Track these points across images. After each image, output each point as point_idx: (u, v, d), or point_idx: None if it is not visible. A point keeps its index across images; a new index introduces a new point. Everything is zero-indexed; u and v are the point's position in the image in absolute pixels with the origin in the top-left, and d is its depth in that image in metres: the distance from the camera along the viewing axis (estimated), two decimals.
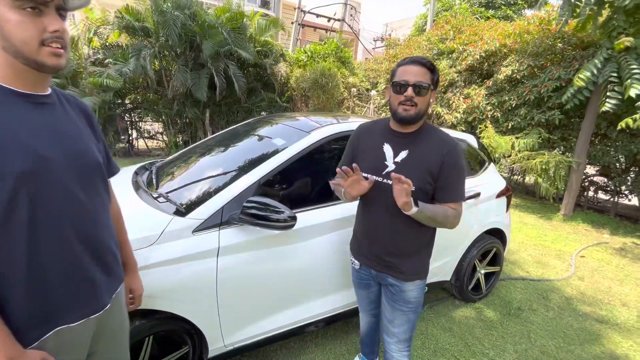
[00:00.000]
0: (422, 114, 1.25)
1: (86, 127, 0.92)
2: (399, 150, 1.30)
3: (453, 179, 1.28)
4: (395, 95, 1.25)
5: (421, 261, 1.41)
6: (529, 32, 5.72)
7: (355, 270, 1.57)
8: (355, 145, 1.44)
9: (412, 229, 1.33)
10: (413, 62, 1.23)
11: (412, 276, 1.38)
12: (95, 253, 0.89)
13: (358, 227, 1.50)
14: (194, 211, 1.54)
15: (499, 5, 13.74)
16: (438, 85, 1.29)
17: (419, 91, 1.21)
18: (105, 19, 7.16)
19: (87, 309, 0.88)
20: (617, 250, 4.11)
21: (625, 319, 2.70)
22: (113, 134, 7.64)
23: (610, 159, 4.91)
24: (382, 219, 1.35)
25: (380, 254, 1.39)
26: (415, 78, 1.20)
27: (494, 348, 2.23)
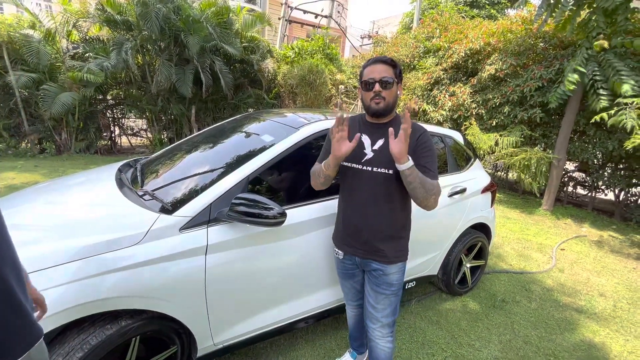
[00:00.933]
0: (391, 105, 1.39)
1: None
2: (376, 139, 1.42)
3: (428, 159, 1.38)
4: (366, 92, 1.39)
5: (403, 243, 1.51)
6: (512, 32, 5.85)
7: (339, 261, 1.62)
8: None
9: (394, 212, 1.43)
10: (376, 62, 1.38)
11: (395, 259, 1.47)
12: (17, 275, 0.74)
13: (341, 216, 1.56)
14: (181, 209, 1.51)
15: (483, 5, 13.98)
16: (402, 78, 1.43)
17: (385, 85, 1.35)
18: (85, 11, 6.91)
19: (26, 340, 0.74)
20: (595, 243, 4.28)
21: (602, 308, 2.82)
22: (94, 131, 7.41)
23: (588, 156, 5.09)
24: (365, 205, 1.43)
25: (365, 239, 1.46)
26: (380, 75, 1.34)
27: (479, 339, 2.29)
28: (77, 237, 1.36)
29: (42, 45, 6.27)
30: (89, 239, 1.34)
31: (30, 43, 6.12)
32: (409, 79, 7.36)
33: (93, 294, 1.25)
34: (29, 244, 1.30)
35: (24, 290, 0.77)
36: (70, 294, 1.21)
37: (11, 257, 0.74)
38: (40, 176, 5.19)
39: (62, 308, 1.18)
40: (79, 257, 1.27)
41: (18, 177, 5.05)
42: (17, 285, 0.73)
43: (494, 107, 5.84)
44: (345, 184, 1.50)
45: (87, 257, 1.28)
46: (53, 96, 6.14)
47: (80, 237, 1.35)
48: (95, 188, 1.97)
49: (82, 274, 1.25)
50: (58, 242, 1.34)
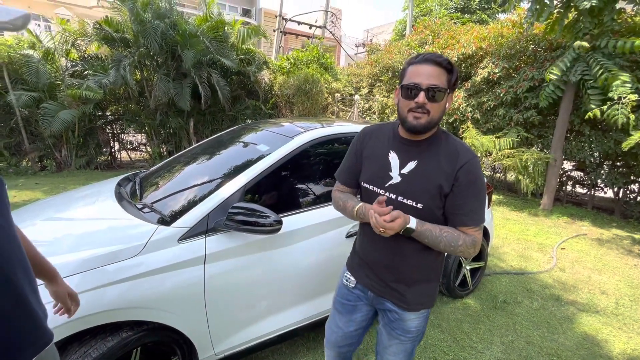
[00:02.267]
0: (435, 122, 1.04)
1: None
2: (407, 160, 1.11)
3: (470, 197, 1.05)
4: (405, 100, 1.04)
5: (429, 289, 1.21)
6: (503, 36, 5.95)
7: (346, 289, 1.32)
8: (358, 150, 1.24)
9: (421, 252, 1.13)
10: (426, 61, 1.02)
11: (418, 305, 1.19)
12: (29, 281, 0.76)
13: (360, 243, 1.30)
14: (179, 220, 1.54)
15: (474, 10, 14.22)
16: (457, 86, 1.14)
17: (433, 96, 1.00)
18: (83, 30, 7.05)
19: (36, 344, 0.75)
20: (595, 241, 4.28)
21: (604, 306, 2.81)
22: (94, 147, 7.47)
23: (585, 155, 5.13)
24: (382, 240, 1.14)
25: (382, 278, 1.21)
26: (429, 81, 0.99)
27: (481, 341, 2.28)
28: (77, 251, 1.38)
29: (41, 65, 6.37)
30: (89, 252, 1.36)
31: (30, 63, 6.23)
32: None
33: (94, 306, 1.27)
34: None
35: (36, 295, 0.79)
36: None
37: (24, 262, 0.76)
38: (41, 193, 5.22)
39: (64, 321, 1.20)
40: (79, 270, 1.29)
41: (19, 195, 5.09)
42: (29, 291, 0.75)
43: (488, 109, 5.91)
44: None
45: (87, 270, 1.30)
46: (53, 114, 6.22)
47: (81, 251, 1.38)
48: (95, 202, 2.00)
49: (83, 286, 1.27)
50: (59, 256, 1.36)
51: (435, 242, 1.04)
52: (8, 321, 0.69)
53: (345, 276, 1.34)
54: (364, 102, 9.11)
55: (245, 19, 11.13)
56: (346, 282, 1.33)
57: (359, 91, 9.44)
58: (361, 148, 1.24)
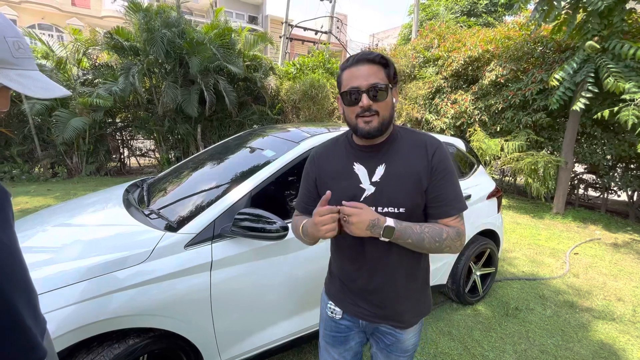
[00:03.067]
0: (388, 121, 0.99)
1: None
2: (374, 166, 1.02)
3: (447, 186, 1.00)
4: (349, 107, 0.98)
5: (423, 297, 1.14)
6: (510, 38, 5.90)
7: (331, 322, 1.17)
8: (313, 173, 1.12)
9: (411, 262, 1.06)
10: (359, 62, 0.96)
11: (415, 319, 1.12)
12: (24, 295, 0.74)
13: (339, 269, 1.15)
14: (185, 226, 1.54)
15: (480, 13, 14.16)
16: (397, 79, 1.03)
17: (376, 96, 0.94)
18: (94, 39, 7.21)
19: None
20: (610, 246, 4.16)
21: (621, 313, 2.73)
22: (104, 153, 7.60)
23: (597, 157, 5.02)
24: (372, 258, 1.05)
25: (377, 304, 1.08)
26: (368, 81, 0.94)
27: (493, 349, 2.23)
28: (85, 258, 1.39)
29: (54, 74, 6.53)
30: (96, 259, 1.37)
31: (43, 72, 6.38)
32: (410, 89, 7.43)
33: (101, 313, 1.27)
34: (40, 266, 1.34)
35: (35, 313, 0.78)
36: (79, 313, 1.23)
37: (23, 280, 0.75)
38: (52, 199, 5.31)
39: (71, 328, 1.20)
40: (87, 277, 1.30)
41: (31, 201, 5.18)
42: (26, 309, 0.74)
43: (496, 112, 5.85)
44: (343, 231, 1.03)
45: (95, 276, 1.31)
46: (65, 122, 6.35)
47: (89, 257, 1.39)
48: (104, 209, 2.02)
49: (91, 293, 1.27)
50: (67, 262, 1.38)
51: (419, 240, 0.95)
52: (6, 341, 0.67)
53: (329, 307, 1.17)
54: None
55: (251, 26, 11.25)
56: (331, 314, 1.16)
57: None
58: (316, 170, 1.12)
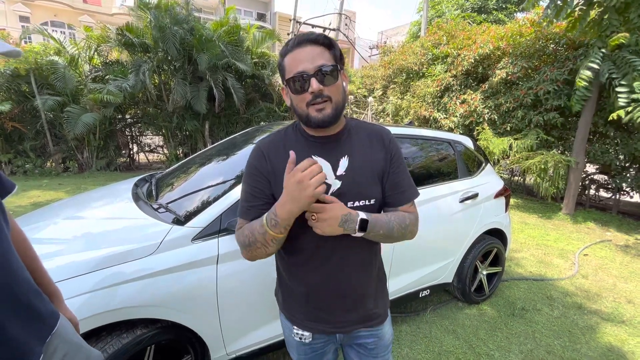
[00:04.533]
0: (340, 107, 0.90)
1: None
2: (337, 159, 0.93)
3: (402, 173, 0.99)
4: (297, 95, 0.87)
5: (385, 286, 1.13)
6: (522, 35, 5.80)
7: (303, 345, 1.07)
8: (265, 169, 0.95)
9: (371, 256, 1.03)
10: (300, 44, 0.86)
11: (386, 309, 1.10)
12: (8, 301, 0.70)
13: (300, 284, 1.01)
14: (192, 220, 1.56)
15: (490, 10, 13.94)
16: (344, 62, 0.95)
17: (323, 79, 0.85)
18: (105, 36, 7.32)
19: None
20: (621, 248, 4.08)
21: (631, 315, 2.68)
22: (114, 149, 7.73)
23: (609, 157, 4.92)
24: (337, 260, 0.96)
25: (347, 309, 1.00)
26: (314, 63, 0.84)
27: (499, 349, 2.21)
28: (94, 249, 1.42)
29: (67, 71, 6.65)
30: (106, 251, 1.40)
31: (57, 70, 6.51)
32: (419, 87, 7.36)
33: (110, 303, 1.30)
34: (51, 257, 1.37)
35: (29, 314, 0.75)
36: (89, 303, 1.26)
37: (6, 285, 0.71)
38: (63, 193, 5.42)
39: (82, 317, 1.23)
40: (97, 268, 1.33)
41: (43, 194, 5.30)
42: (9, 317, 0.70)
43: (506, 111, 5.76)
44: (304, 234, 0.91)
45: (104, 268, 1.34)
46: (76, 117, 6.47)
47: (98, 249, 1.42)
48: (113, 202, 2.06)
49: (100, 284, 1.30)
50: (77, 254, 1.41)
51: (389, 229, 0.92)
52: (11, 333, 0.67)
53: (296, 334, 1.04)
54: (377, 103, 9.05)
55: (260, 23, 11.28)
56: (299, 338, 1.04)
57: (372, 93, 9.40)
58: (271, 166, 0.94)
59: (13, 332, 0.69)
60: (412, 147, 2.37)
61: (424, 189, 2.19)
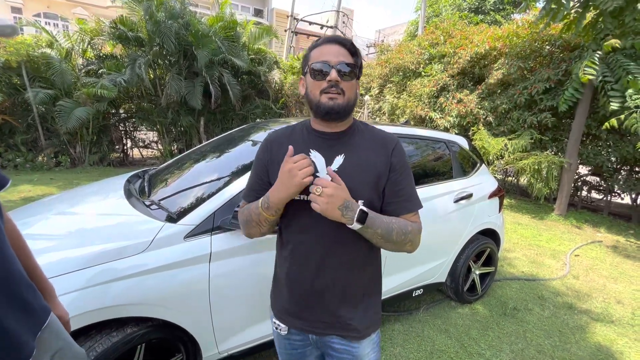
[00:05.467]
0: (351, 104, 0.96)
1: None
2: (333, 155, 0.97)
3: (406, 181, 0.99)
4: (315, 82, 0.94)
5: (375, 305, 1.07)
6: (518, 36, 5.83)
7: (282, 338, 1.09)
8: (267, 160, 1.03)
9: (363, 260, 1.01)
10: (330, 42, 0.96)
11: (368, 329, 1.03)
12: (8, 295, 0.72)
13: (282, 275, 1.05)
14: (185, 217, 1.54)
15: (488, 11, 13.99)
16: (361, 74, 1.01)
17: (345, 73, 0.92)
18: (99, 29, 7.20)
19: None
20: (611, 248, 4.14)
21: (620, 316, 2.72)
22: (107, 144, 7.62)
23: (601, 159, 4.98)
24: (322, 255, 0.97)
25: (324, 307, 1.00)
26: (338, 58, 0.92)
27: (490, 348, 2.23)
28: (85, 246, 1.40)
29: (63, 64, 6.54)
30: (97, 248, 1.38)
31: (53, 64, 6.40)
32: (415, 86, 7.37)
33: (101, 301, 1.28)
34: (41, 253, 1.34)
35: (23, 307, 0.76)
36: (79, 301, 1.24)
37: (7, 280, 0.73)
38: (55, 188, 5.35)
39: (72, 315, 1.21)
40: (87, 265, 1.31)
41: (34, 189, 5.22)
42: (5, 308, 0.72)
43: (502, 113, 5.80)
44: (290, 225, 1.00)
45: (94, 265, 1.32)
46: (69, 111, 6.36)
47: (89, 246, 1.39)
48: (105, 199, 2.03)
49: (90, 281, 1.28)
50: (68, 251, 1.38)
51: (388, 231, 0.91)
52: (6, 325, 0.69)
53: (274, 323, 1.09)
54: (374, 102, 9.05)
55: (257, 19, 11.20)
56: (276, 329, 1.09)
57: (369, 92, 9.39)
58: (269, 156, 1.03)
59: (8, 324, 0.70)
60: (408, 146, 2.37)
61: (419, 189, 2.19)
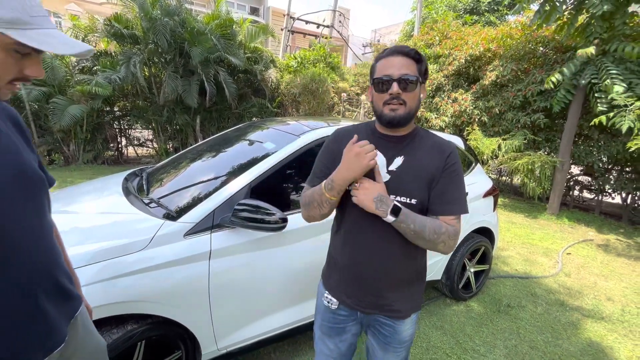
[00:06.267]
0: (413, 112, 1.04)
1: (18, 137, 0.77)
2: (393, 156, 1.07)
3: (453, 185, 1.06)
4: (379, 94, 1.04)
5: (418, 292, 1.19)
6: (512, 37, 5.90)
7: (329, 311, 1.20)
8: (335, 151, 1.13)
9: (411, 253, 1.10)
10: (394, 53, 1.03)
11: (409, 311, 1.15)
12: (50, 281, 0.78)
13: (337, 256, 1.18)
14: (185, 215, 1.55)
15: (482, 12, 14.11)
16: (428, 76, 1.09)
17: (406, 86, 1.00)
18: (93, 26, 7.12)
19: (46, 347, 0.77)
20: (602, 247, 4.23)
21: (610, 312, 2.78)
22: (102, 142, 7.55)
23: (593, 159, 5.07)
24: (375, 244, 1.08)
25: (372, 290, 1.12)
26: (400, 71, 1.00)
27: (484, 344, 2.27)
28: (84, 244, 1.40)
29: (55, 61, 6.46)
30: (96, 246, 1.38)
31: (44, 60, 6.32)
32: None
33: (101, 298, 1.28)
34: None
35: (61, 296, 0.81)
36: None
37: (48, 265, 0.78)
38: None
39: None
40: (87, 263, 1.31)
41: None
42: (47, 294, 0.77)
43: (497, 114, 5.87)
44: (346, 213, 1.12)
45: (94, 262, 1.32)
46: (62, 109, 6.29)
47: (88, 244, 1.40)
48: (103, 197, 2.03)
49: (91, 279, 1.28)
50: (67, 249, 1.38)
51: (421, 227, 0.99)
52: (20, 328, 0.72)
53: (325, 297, 1.21)
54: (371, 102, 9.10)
55: (253, 17, 11.15)
56: (327, 303, 1.20)
57: (365, 91, 9.42)
58: (339, 147, 1.11)
59: (49, 309, 0.76)
60: None
61: None
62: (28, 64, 0.67)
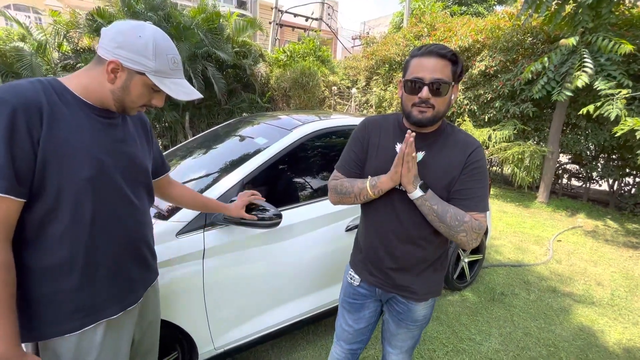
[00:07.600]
0: (441, 115, 1.04)
1: (141, 136, 1.06)
2: (417, 150, 1.09)
3: (477, 182, 1.06)
4: (408, 95, 1.03)
5: (436, 278, 1.22)
6: (500, 28, 5.91)
7: (351, 288, 1.31)
8: (365, 138, 1.19)
9: (430, 240, 1.13)
10: (430, 54, 0.99)
11: (426, 295, 1.20)
12: (137, 251, 1.01)
13: (363, 238, 1.27)
14: (176, 214, 1.51)
15: (470, 3, 14.12)
16: (462, 77, 1.07)
17: (437, 90, 0.99)
18: (75, 22, 6.90)
19: (125, 302, 0.98)
20: (591, 233, 4.32)
21: (600, 297, 2.85)
22: None
23: (581, 147, 5.15)
24: (395, 230, 1.14)
25: (389, 271, 1.18)
26: (432, 75, 0.98)
27: (480, 333, 2.30)
28: None
29: (35, 58, 6.25)
30: None
31: (23, 57, 6.10)
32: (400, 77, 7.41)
33: None
34: None
35: (143, 264, 1.06)
36: None
37: (147, 238, 1.06)
38: None
39: None
40: None
41: None
42: (148, 253, 1.07)
43: (485, 102, 5.90)
44: (374, 201, 1.17)
45: None
46: None
47: None
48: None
49: None
50: None
51: (444, 211, 1.02)
52: (131, 272, 1.00)
53: (350, 274, 1.32)
54: (361, 95, 9.06)
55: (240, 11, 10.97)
56: (350, 279, 1.31)
57: (356, 84, 9.38)
58: (367, 137, 1.19)
59: (134, 274, 1.01)
60: None
61: None
62: (156, 97, 0.95)
